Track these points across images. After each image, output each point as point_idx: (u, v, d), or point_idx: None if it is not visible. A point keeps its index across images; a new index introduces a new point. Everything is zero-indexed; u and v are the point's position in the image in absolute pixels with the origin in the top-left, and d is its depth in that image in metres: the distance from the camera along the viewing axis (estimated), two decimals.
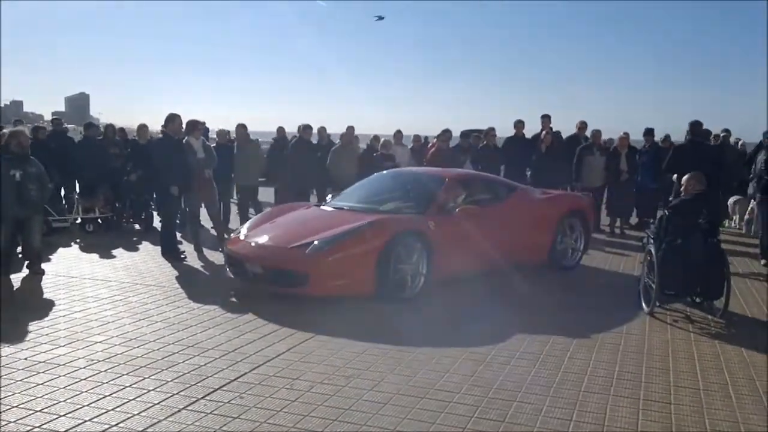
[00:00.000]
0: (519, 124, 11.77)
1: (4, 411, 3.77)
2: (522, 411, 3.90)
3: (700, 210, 6.11)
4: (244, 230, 7.21)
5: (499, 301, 6.62)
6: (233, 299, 6.48)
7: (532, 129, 11.91)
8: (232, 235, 7.64)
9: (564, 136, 12.07)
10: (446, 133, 11.46)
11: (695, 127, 9.12)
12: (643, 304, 6.27)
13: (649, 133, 11.99)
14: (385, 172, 8.69)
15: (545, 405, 4.00)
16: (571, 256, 8.27)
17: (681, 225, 6.10)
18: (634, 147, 11.60)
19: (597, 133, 11.44)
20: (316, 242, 6.27)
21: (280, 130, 12.85)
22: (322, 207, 7.77)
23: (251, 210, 11.06)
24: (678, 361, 4.87)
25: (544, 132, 11.30)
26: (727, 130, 12.71)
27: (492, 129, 11.88)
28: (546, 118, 11.61)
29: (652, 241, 6.34)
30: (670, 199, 8.84)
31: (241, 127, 11.23)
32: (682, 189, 6.50)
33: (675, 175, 8.79)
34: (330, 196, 8.42)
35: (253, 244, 6.74)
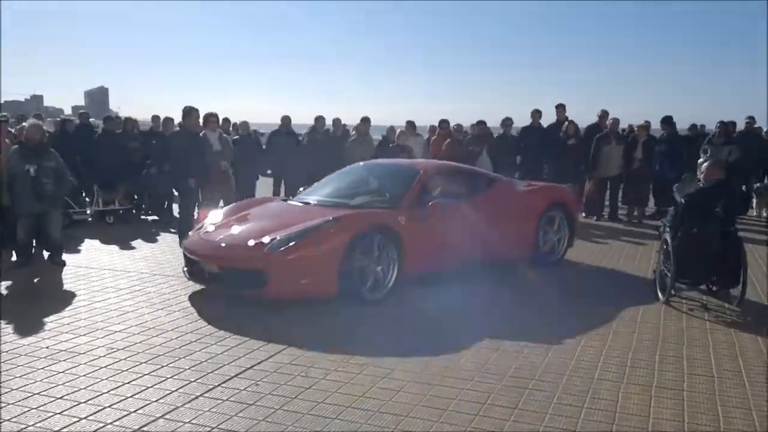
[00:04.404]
0: (536, 114, 11.71)
1: (26, 398, 3.87)
2: (533, 398, 3.93)
3: (719, 198, 6.05)
4: (204, 226, 6.75)
5: (505, 295, 6.48)
6: None
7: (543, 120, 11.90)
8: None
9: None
10: (455, 126, 11.45)
11: None
12: (659, 293, 6.24)
13: (666, 121, 11.86)
14: (360, 163, 8.19)
15: (557, 392, 4.02)
16: (554, 251, 7.81)
17: (698, 213, 6.06)
18: (653, 136, 11.50)
19: (615, 122, 11.37)
20: (276, 239, 5.86)
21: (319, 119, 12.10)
22: (289, 201, 7.40)
23: None
24: (692, 349, 4.86)
25: (566, 122, 11.21)
26: (751, 117, 12.55)
27: (509, 119, 11.80)
28: (561, 108, 11.54)
29: (668, 229, 6.30)
30: None
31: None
32: (701, 176, 6.45)
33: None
34: (301, 189, 8.01)
35: (210, 241, 6.30)
